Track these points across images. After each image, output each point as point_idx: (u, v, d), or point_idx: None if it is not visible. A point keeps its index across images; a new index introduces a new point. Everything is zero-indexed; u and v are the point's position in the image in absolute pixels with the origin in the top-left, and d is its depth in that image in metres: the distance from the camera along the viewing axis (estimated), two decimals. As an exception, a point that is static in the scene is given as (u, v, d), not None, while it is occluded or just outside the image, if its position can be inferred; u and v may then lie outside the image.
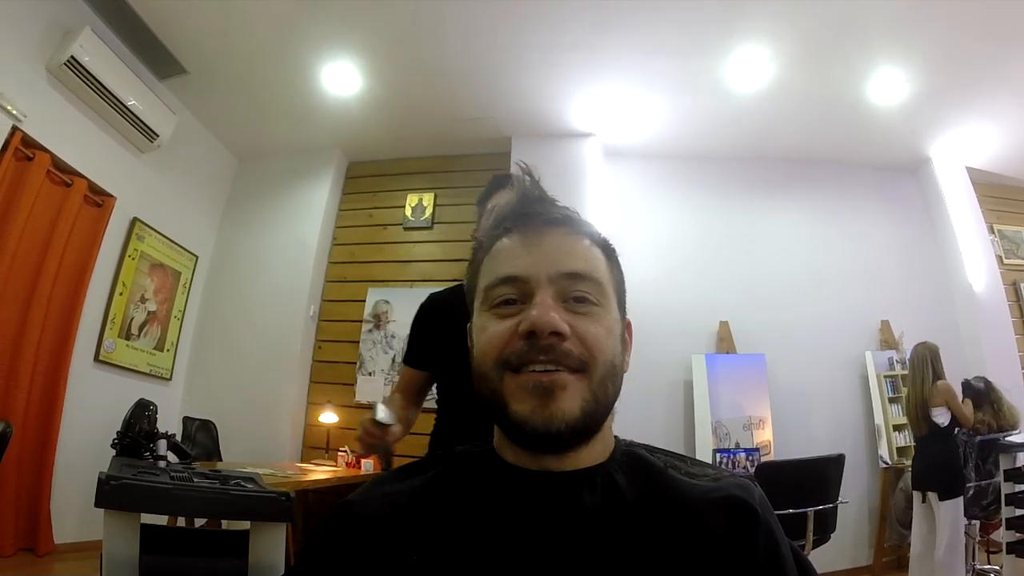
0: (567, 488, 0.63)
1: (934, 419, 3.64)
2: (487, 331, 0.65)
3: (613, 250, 0.73)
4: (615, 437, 0.71)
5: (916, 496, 3.72)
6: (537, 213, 0.70)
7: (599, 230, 0.73)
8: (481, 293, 0.69)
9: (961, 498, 3.51)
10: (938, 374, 3.73)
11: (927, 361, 3.77)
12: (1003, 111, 4.54)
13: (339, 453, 4.35)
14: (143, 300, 4.51)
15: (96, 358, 4.08)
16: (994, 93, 4.34)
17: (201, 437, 4.27)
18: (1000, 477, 3.36)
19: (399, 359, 4.88)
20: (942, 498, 3.51)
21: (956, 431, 3.64)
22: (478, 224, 1.66)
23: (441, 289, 1.81)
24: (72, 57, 3.58)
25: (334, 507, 0.69)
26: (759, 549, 0.59)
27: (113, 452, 2.19)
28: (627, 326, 0.72)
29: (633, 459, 0.68)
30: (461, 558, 0.60)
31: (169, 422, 3.77)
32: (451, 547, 0.61)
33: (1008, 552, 3.25)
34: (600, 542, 0.59)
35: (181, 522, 2.74)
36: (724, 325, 4.67)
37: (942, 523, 3.48)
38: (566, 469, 0.64)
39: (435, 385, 1.76)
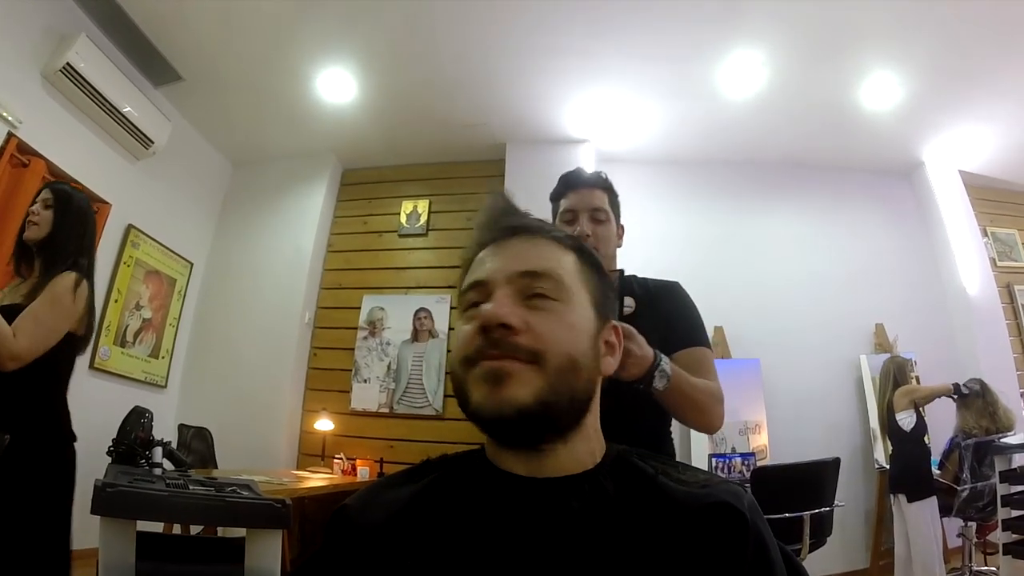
0: (555, 494, 0.64)
1: (899, 424, 3.82)
2: (458, 335, 0.69)
3: (589, 253, 0.76)
4: (608, 444, 0.72)
5: (891, 499, 3.89)
6: (503, 225, 0.75)
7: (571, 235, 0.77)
8: (459, 302, 0.74)
9: (932, 499, 3.65)
10: (899, 384, 3.92)
11: (890, 373, 3.99)
12: (995, 114, 4.57)
13: (335, 460, 4.34)
14: (138, 307, 4.50)
15: (91, 365, 4.06)
16: (986, 97, 4.37)
17: (196, 445, 4.25)
18: (996, 479, 3.37)
19: (394, 366, 4.88)
20: (910, 500, 3.66)
21: (925, 436, 3.82)
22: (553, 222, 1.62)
23: None
24: (68, 64, 3.58)
25: (333, 512, 0.70)
26: (748, 555, 0.59)
27: (109, 460, 2.19)
28: (614, 330, 0.73)
29: (624, 466, 0.69)
30: (452, 564, 0.61)
31: (164, 430, 3.75)
32: (443, 553, 0.62)
33: (1005, 553, 3.25)
34: (586, 548, 0.59)
35: (177, 529, 2.73)
36: (719, 330, 4.68)
37: (913, 525, 3.62)
38: (552, 475, 0.65)
39: None
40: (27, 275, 1.94)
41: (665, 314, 1.47)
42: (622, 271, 1.40)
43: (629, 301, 1.45)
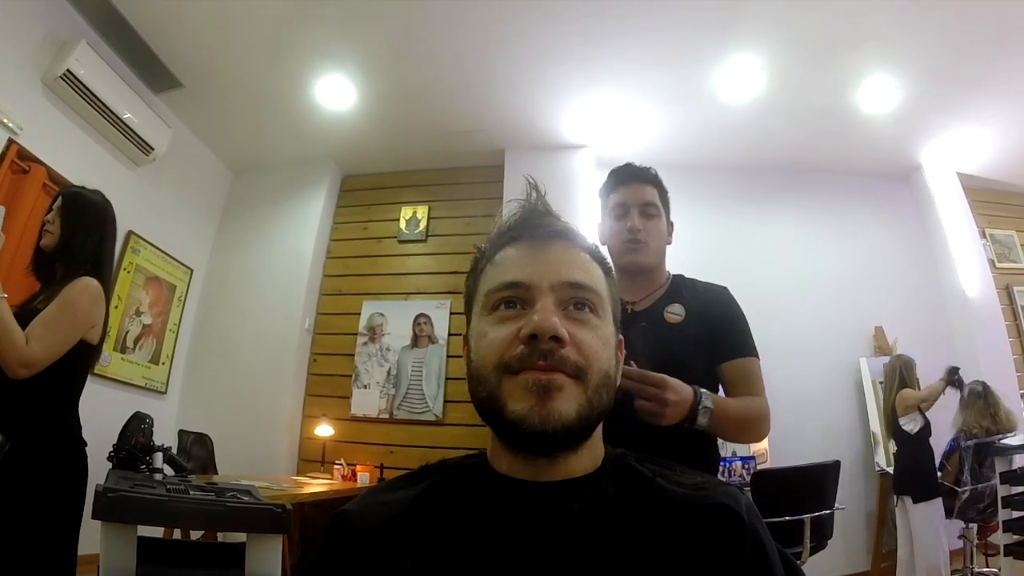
0: (557, 498, 0.64)
1: (903, 427, 3.83)
2: (487, 336, 0.67)
3: (610, 268, 0.76)
4: (607, 447, 0.72)
5: (895, 501, 3.90)
6: (542, 225, 0.73)
7: (598, 248, 0.76)
8: (482, 298, 0.71)
9: (937, 500, 3.66)
10: (905, 384, 3.92)
11: (896, 371, 3.99)
12: (993, 116, 4.58)
13: (335, 466, 4.33)
14: (138, 313, 4.50)
15: (91, 371, 4.05)
16: (983, 99, 4.38)
17: (197, 450, 4.25)
18: (996, 480, 3.37)
19: (394, 372, 4.87)
20: (915, 501, 3.67)
21: (930, 437, 3.81)
22: (602, 216, 1.63)
23: None
24: (68, 70, 3.59)
25: (332, 517, 0.70)
26: (746, 556, 0.59)
27: (109, 465, 2.19)
28: (619, 343, 0.74)
29: (622, 469, 0.69)
30: (452, 567, 0.61)
31: (165, 435, 3.75)
32: (442, 556, 0.62)
33: (1006, 555, 3.25)
34: (588, 552, 0.60)
35: (178, 534, 2.73)
36: (719, 333, 4.66)
37: (918, 526, 3.63)
38: (556, 479, 0.65)
39: None
40: (48, 285, 1.88)
41: (715, 323, 1.48)
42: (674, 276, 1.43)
43: (678, 309, 1.47)
